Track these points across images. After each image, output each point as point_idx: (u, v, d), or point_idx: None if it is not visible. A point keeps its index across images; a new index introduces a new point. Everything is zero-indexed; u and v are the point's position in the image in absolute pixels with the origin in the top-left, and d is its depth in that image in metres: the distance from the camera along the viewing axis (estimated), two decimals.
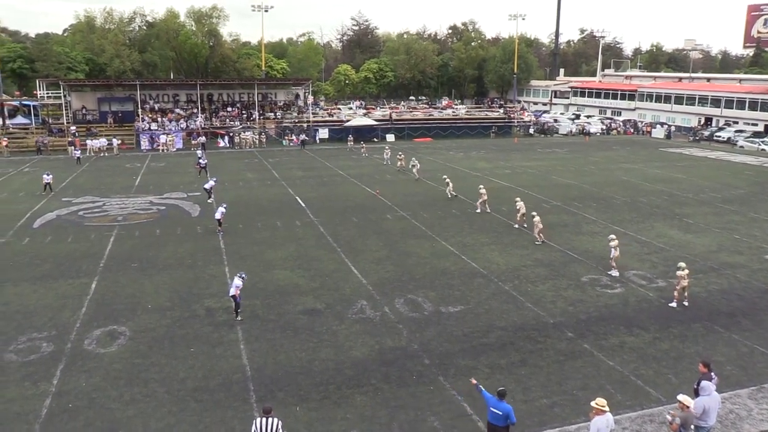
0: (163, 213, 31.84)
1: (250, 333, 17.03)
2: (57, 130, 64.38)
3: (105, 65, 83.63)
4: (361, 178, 42.43)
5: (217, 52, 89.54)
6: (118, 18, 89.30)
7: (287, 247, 25.34)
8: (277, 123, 69.17)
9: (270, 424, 10.76)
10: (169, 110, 68.55)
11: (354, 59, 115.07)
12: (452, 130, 72.38)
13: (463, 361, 15.45)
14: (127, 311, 18.56)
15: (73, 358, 15.52)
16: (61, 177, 42.68)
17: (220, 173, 43.38)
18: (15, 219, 30.34)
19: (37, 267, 22.88)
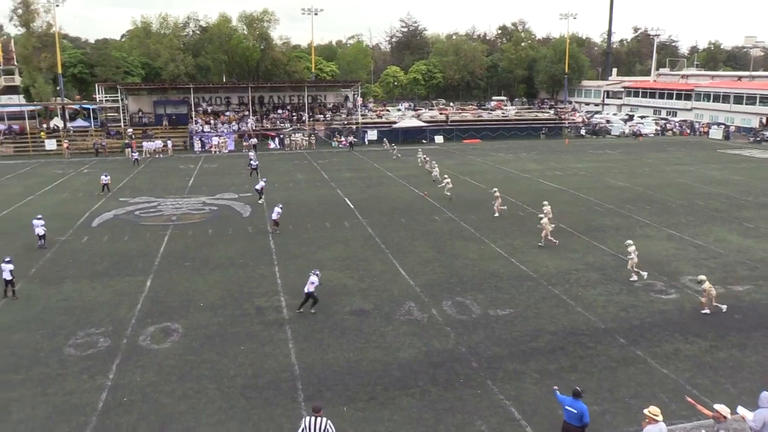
0: (215, 213, 32.52)
1: (298, 332, 17.21)
2: (114, 133, 66.55)
3: (160, 69, 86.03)
4: (410, 179, 42.41)
5: (268, 55, 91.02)
6: (173, 23, 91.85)
7: (336, 248, 25.52)
8: (326, 125, 69.83)
9: (319, 423, 10.80)
10: (221, 113, 70.02)
11: (403, 61, 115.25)
12: (502, 132, 71.66)
13: (512, 365, 15.25)
14: (180, 309, 19.02)
15: (128, 354, 15.99)
16: (118, 178, 44.09)
17: (271, 174, 44.03)
18: (75, 218, 31.48)
19: (96, 264, 23.68)
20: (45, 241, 26.27)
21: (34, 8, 71.76)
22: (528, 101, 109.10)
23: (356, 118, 71.43)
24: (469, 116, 78.74)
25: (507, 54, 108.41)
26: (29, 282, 21.65)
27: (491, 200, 32.22)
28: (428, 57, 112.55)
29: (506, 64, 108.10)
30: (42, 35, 73.62)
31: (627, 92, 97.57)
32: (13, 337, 17.03)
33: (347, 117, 72.24)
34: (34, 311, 18.96)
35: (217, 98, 72.47)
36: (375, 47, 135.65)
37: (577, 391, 11.48)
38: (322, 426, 10.75)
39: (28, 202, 35.93)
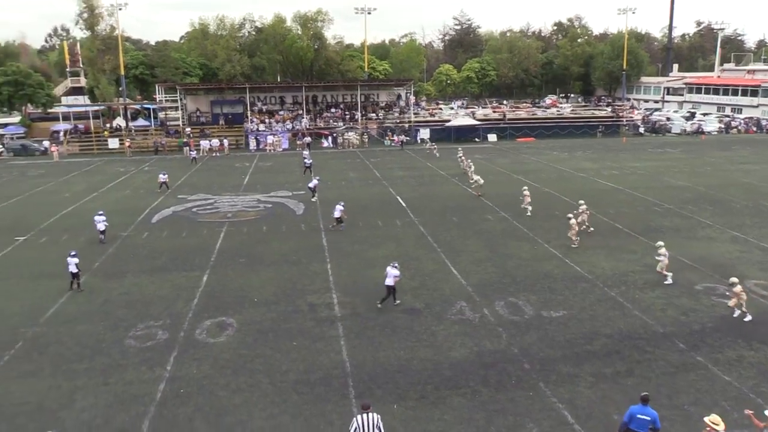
0: (269, 211, 33.07)
1: (350, 330, 17.33)
2: (173, 132, 68.47)
3: (217, 69, 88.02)
4: (462, 177, 42.13)
5: (322, 54, 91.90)
6: (230, 25, 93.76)
7: (388, 246, 25.59)
8: (378, 123, 70.05)
9: (371, 419, 10.93)
10: (275, 112, 71.13)
11: (456, 59, 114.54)
12: (556, 130, 70.36)
13: (565, 368, 14.97)
14: (235, 304, 19.43)
15: (185, 346, 16.44)
16: (176, 176, 45.36)
17: (324, 173, 44.49)
18: (136, 214, 32.55)
19: (155, 259, 24.43)
20: (105, 236, 27.28)
21: (98, 12, 74.53)
22: (584, 99, 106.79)
23: (409, 117, 71.41)
24: (523, 114, 77.65)
25: (563, 51, 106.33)
26: (93, 276, 22.50)
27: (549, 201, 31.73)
28: (482, 55, 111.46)
29: (562, 61, 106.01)
30: (106, 38, 76.39)
31: (689, 89, 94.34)
32: (77, 328, 17.74)
33: (400, 115, 72.28)
34: (96, 303, 19.70)
35: (271, 97, 73.63)
36: (428, 45, 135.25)
37: (646, 396, 11.29)
38: (374, 421, 10.92)
39: (93, 199, 37.34)
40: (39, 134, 77.45)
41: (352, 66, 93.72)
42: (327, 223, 29.54)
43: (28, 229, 29.72)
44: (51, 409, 13.52)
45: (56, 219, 31.99)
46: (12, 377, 14.92)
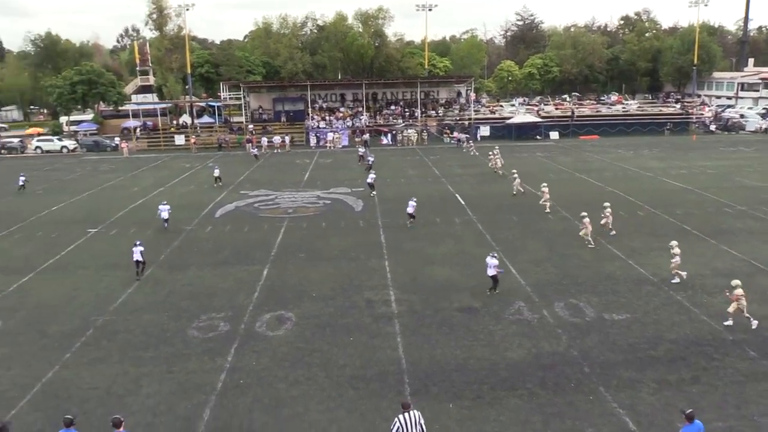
0: (328, 207, 33.46)
1: (407, 327, 17.37)
2: (237, 129, 70.10)
3: (280, 67, 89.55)
4: (523, 176, 41.46)
5: (382, 52, 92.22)
6: (292, 23, 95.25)
7: (446, 244, 25.49)
8: (438, 120, 69.77)
9: (413, 417, 10.91)
10: (336, 109, 71.85)
11: (517, 55, 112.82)
12: (621, 127, 68.41)
13: (627, 373, 14.56)
14: (294, 298, 19.76)
15: (245, 338, 16.84)
16: (239, 171, 46.48)
17: (383, 170, 44.65)
18: (200, 209, 33.53)
19: (218, 253, 25.11)
20: (168, 224, 28.75)
21: (166, 13, 77.05)
22: (651, 95, 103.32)
23: (469, 114, 70.84)
24: (587, 111, 75.81)
25: (629, 45, 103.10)
26: (158, 267, 23.32)
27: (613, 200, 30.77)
28: (544, 51, 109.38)
29: (628, 56, 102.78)
30: (173, 38, 78.88)
31: (765, 84, 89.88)
32: (143, 318, 18.43)
33: (460, 113, 71.80)
34: (162, 294, 20.41)
35: (332, 95, 74.42)
36: (489, 42, 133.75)
37: (691, 414, 10.83)
38: (417, 418, 10.92)
39: (159, 194, 38.65)
40: (110, 131, 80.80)
41: (413, 63, 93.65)
42: (385, 219, 29.70)
43: (99, 221, 31.04)
44: (118, 394, 14.10)
45: (125, 212, 33.29)
46: (83, 363, 15.64)
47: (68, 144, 68.96)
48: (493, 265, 19.42)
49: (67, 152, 67.19)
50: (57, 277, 22.59)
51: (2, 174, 50.72)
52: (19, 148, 69.17)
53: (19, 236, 29.00)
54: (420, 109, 70.70)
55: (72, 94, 77.81)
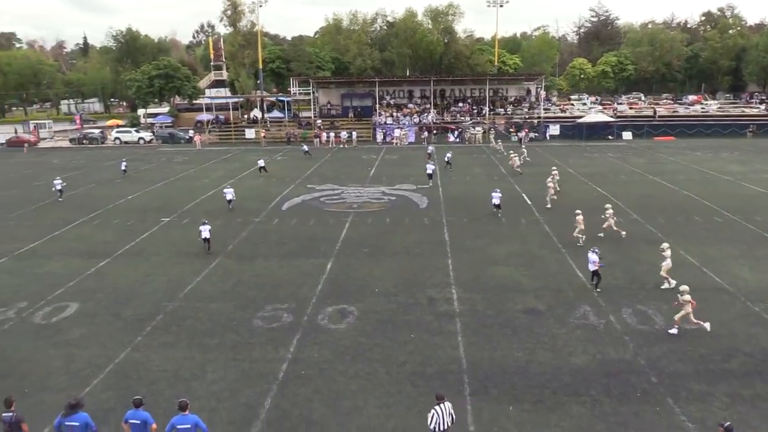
0: (393, 203, 33.57)
1: (468, 326, 17.23)
2: (305, 123, 71.23)
3: (349, 63, 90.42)
4: (593, 177, 40.48)
5: (451, 48, 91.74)
6: (362, 19, 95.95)
7: (511, 244, 25.13)
8: (506, 119, 68.84)
9: (446, 408, 11.21)
10: (403, 105, 71.94)
11: (591, 52, 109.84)
12: (699, 129, 65.66)
13: (698, 386, 13.97)
14: (357, 293, 19.93)
15: (308, 330, 17.11)
16: (307, 165, 47.25)
17: (449, 167, 44.49)
18: (268, 201, 34.29)
19: (284, 245, 25.61)
20: (233, 205, 32.10)
21: (240, 9, 79.15)
22: (733, 95, 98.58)
23: (538, 113, 69.58)
24: (663, 111, 73.11)
25: (711, 43, 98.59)
26: (227, 257, 23.99)
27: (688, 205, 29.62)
28: (619, 48, 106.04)
29: (709, 54, 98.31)
30: (246, 34, 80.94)
31: None
32: (211, 306, 19.01)
33: (529, 111, 70.61)
34: (229, 284, 20.99)
35: (400, 91, 74.57)
36: (561, 38, 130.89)
37: (730, 427, 10.23)
38: (448, 409, 11.23)
39: (230, 185, 39.70)
40: (184, 124, 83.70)
41: (482, 60, 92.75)
42: (450, 217, 29.57)
43: (172, 211, 32.20)
44: (185, 378, 14.60)
45: (197, 203, 34.41)
46: (153, 346, 16.27)
47: (145, 135, 71.97)
48: (593, 261, 19.45)
49: (144, 143, 70.10)
50: (132, 263, 23.58)
51: (85, 163, 53.37)
52: (100, 139, 72.62)
53: (98, 222, 30.44)
54: (488, 106, 69.91)
55: (150, 87, 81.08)
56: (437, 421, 11.07)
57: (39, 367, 15.22)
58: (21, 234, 28.36)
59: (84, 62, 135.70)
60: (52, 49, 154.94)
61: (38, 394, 13.94)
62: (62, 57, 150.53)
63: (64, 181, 38.46)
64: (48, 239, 27.42)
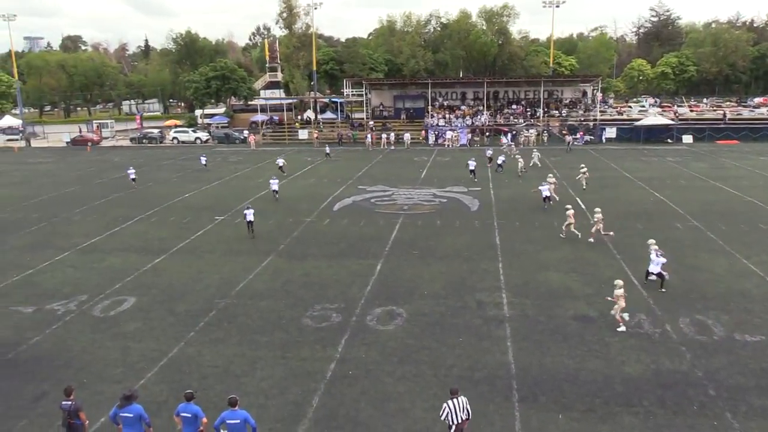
0: (444, 205, 33.42)
1: (518, 331, 16.99)
2: (357, 125, 71.68)
3: (402, 65, 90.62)
4: (651, 181, 39.36)
5: (506, 50, 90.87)
6: (416, 21, 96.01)
7: (563, 249, 24.68)
8: (561, 121, 67.68)
9: (460, 402, 11.30)
10: (456, 107, 71.57)
11: (650, 53, 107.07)
12: (766, 132, 63.02)
13: (759, 400, 13.39)
14: (406, 294, 19.92)
15: (356, 331, 17.19)
16: (358, 167, 47.52)
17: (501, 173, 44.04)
18: (319, 201, 34.64)
19: (334, 245, 25.82)
20: (278, 195, 34.85)
21: (296, 11, 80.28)
22: None
23: (594, 115, 68.13)
24: (727, 114, 70.51)
25: None
26: (278, 256, 24.35)
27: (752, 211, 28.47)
28: (680, 48, 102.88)
29: None
30: (301, 36, 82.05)
31: None
32: (261, 303, 19.31)
33: (584, 113, 69.21)
34: (279, 282, 21.29)
35: (452, 93, 74.25)
36: (619, 39, 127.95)
37: None
38: (463, 404, 11.36)
39: (282, 186, 40.30)
40: (239, 124, 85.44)
41: (537, 62, 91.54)
42: (501, 220, 29.26)
43: (225, 210, 32.90)
44: (235, 374, 14.88)
45: (249, 202, 34.98)
46: (205, 342, 16.65)
47: (201, 135, 73.77)
48: (659, 263, 19.70)
49: (200, 143, 71.85)
50: (186, 260, 24.20)
51: (144, 162, 55.09)
52: (158, 139, 74.83)
53: (155, 220, 31.36)
54: (542, 108, 68.87)
55: (207, 89, 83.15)
56: (449, 415, 11.25)
57: (97, 358, 15.78)
58: (84, 229, 29.49)
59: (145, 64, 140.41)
60: (115, 51, 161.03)
61: (96, 384, 14.44)
62: (125, 59, 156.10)
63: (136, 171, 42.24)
64: (108, 235, 28.41)
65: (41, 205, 35.95)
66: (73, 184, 43.66)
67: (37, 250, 26.10)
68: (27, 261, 24.42)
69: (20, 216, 32.88)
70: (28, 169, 53.47)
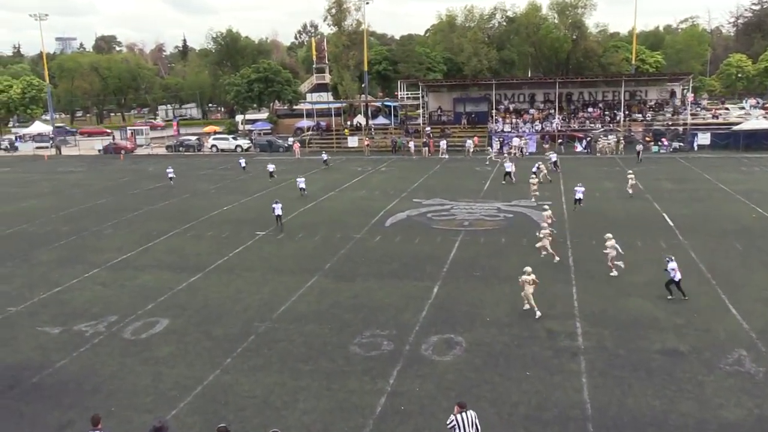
0: (510, 221, 33.09)
1: (594, 366, 16.57)
2: (413, 131, 71.88)
3: (462, 64, 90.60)
4: (751, 195, 38.02)
5: (581, 45, 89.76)
6: (479, 15, 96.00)
7: (646, 272, 24.02)
8: (645, 125, 66.25)
9: (469, 417, 11.72)
10: (524, 111, 71.01)
11: (751, 47, 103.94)
12: None
13: None
14: (465, 321, 19.73)
15: (409, 361, 17.09)
16: (413, 178, 47.61)
17: (574, 181, 43.33)
18: (370, 216, 34.81)
19: (386, 265, 25.85)
20: (305, 192, 40.04)
21: (345, 7, 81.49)
22: None
23: (684, 119, 66.45)
24: None
25: None
26: (324, 276, 24.53)
27: None
28: None
29: None
30: (351, 33, 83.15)
31: None
32: (305, 328, 19.46)
33: (672, 117, 67.59)
34: (325, 304, 21.42)
35: (520, 95, 73.78)
36: (714, 31, 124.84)
37: None
38: (472, 419, 11.77)
39: (329, 198, 40.76)
40: (283, 130, 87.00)
41: (616, 58, 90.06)
42: (575, 238, 28.76)
43: (267, 224, 33.40)
44: (275, 406, 14.99)
45: (293, 216, 35.50)
46: (243, 369, 16.85)
47: (242, 143, 75.33)
48: (673, 268, 20.58)
49: (241, 151, 73.37)
50: (224, 278, 24.65)
51: (180, 171, 56.60)
52: (196, 146, 76.82)
53: (192, 234, 32.11)
54: (623, 111, 67.63)
55: (249, 92, 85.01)
56: (456, 429, 11.56)
57: (127, 384, 16.18)
58: (116, 244, 30.45)
59: (183, 65, 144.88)
60: (151, 52, 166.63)
61: (124, 412, 14.79)
62: (161, 60, 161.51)
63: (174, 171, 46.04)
64: (141, 250, 29.24)
65: (71, 217, 37.35)
66: (104, 195, 45.22)
67: (66, 265, 27.07)
68: (55, 277, 25.36)
69: (49, 229, 34.22)
70: (58, 178, 55.75)
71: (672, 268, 20.60)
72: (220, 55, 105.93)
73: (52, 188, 49.58)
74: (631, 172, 40.17)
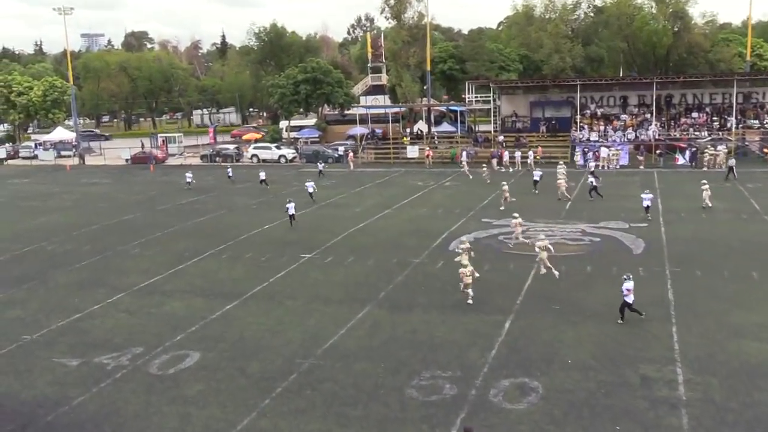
0: (596, 246, 32.58)
1: (700, 422, 16.06)
2: (482, 140, 71.73)
3: (541, 62, 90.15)
4: None
5: (684, 39, 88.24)
6: (561, 6, 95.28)
7: (764, 310, 23.27)
8: (763, 134, 64.56)
9: None
10: (614, 116, 70.09)
11: None
12: None
13: None
14: (542, 363, 19.42)
15: (475, 408, 16.89)
16: (482, 194, 47.37)
17: (674, 200, 42.58)
18: (432, 238, 34.74)
19: (449, 294, 25.70)
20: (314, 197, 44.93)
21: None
22: None
23: None
24: None
25: None
26: (378, 306, 24.55)
27: None
28: None
29: None
30: (412, 27, 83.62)
31: None
32: (355, 366, 19.45)
33: None
34: (378, 340, 21.40)
35: (609, 97, 72.94)
36: None
37: None
38: None
39: (385, 216, 40.87)
40: (333, 138, 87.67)
41: (727, 54, 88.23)
42: (675, 268, 28.09)
43: (314, 246, 33.70)
44: None
45: (343, 237, 35.72)
46: (282, 412, 16.93)
47: (287, 153, 76.18)
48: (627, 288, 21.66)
49: (285, 162, 74.35)
50: (263, 307, 24.91)
51: (216, 185, 57.64)
52: (235, 156, 78.24)
53: (227, 256, 32.61)
54: (735, 117, 66.07)
55: (295, 95, 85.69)
56: None
57: (152, 425, 16.43)
58: (143, 265, 31.17)
59: (221, 65, 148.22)
60: (186, 50, 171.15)
61: None
62: (197, 59, 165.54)
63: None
64: (171, 273, 29.84)
65: (94, 235, 38.45)
66: (131, 210, 46.44)
67: (87, 289, 27.82)
68: (75, 303, 26.07)
69: (69, 248, 35.29)
70: (80, 191, 57.63)
71: (627, 288, 21.61)
72: (263, 53, 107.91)
73: (74, 202, 51.23)
74: (705, 182, 41.56)
